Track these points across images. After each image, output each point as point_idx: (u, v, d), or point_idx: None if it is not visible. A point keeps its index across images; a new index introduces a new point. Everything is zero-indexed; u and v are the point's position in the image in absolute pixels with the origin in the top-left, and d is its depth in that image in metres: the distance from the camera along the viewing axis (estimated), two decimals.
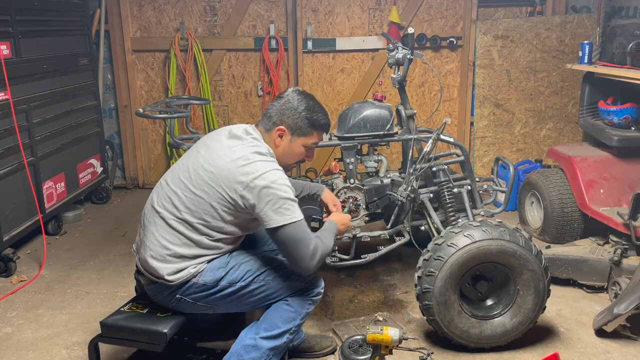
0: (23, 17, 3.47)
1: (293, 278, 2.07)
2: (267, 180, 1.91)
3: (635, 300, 2.46)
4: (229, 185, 1.93)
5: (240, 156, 1.95)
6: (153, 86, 4.88)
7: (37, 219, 3.60)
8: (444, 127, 2.76)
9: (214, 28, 4.75)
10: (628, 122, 3.46)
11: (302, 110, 2.05)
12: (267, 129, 2.08)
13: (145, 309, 2.14)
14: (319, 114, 2.08)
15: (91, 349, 2.12)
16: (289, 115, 2.04)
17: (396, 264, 3.42)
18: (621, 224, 3.11)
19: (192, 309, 2.08)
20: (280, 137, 2.06)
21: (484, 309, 2.49)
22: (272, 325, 2.03)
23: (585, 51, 3.69)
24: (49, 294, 3.13)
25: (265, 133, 2.08)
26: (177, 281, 2.00)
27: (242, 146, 1.99)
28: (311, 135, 2.10)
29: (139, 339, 2.05)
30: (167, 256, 1.99)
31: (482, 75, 4.63)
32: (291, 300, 2.05)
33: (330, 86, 4.84)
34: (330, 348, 2.49)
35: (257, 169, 1.92)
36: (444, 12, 4.71)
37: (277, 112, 2.06)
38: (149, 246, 2.02)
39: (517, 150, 4.78)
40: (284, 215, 1.90)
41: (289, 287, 2.06)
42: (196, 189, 1.97)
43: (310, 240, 1.94)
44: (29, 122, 3.51)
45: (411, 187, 2.73)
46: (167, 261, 1.99)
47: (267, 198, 1.90)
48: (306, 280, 2.07)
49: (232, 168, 1.93)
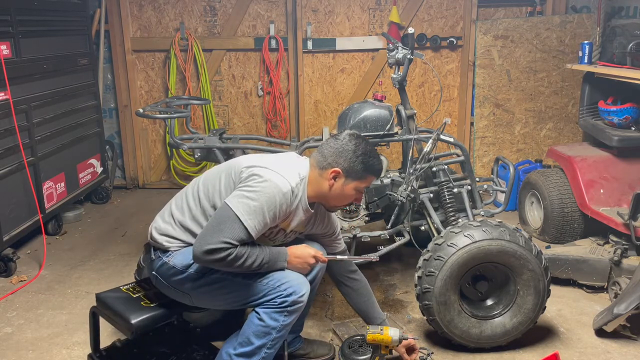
0: (23, 17, 3.47)
1: (264, 280, 1.95)
2: (269, 176, 1.91)
3: (635, 300, 2.46)
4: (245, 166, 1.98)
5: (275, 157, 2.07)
6: (153, 86, 4.88)
7: (37, 219, 3.60)
8: (444, 127, 2.76)
9: (214, 28, 4.75)
10: (628, 122, 3.46)
11: (359, 154, 2.01)
12: (321, 167, 2.02)
13: (138, 293, 2.17)
14: (374, 160, 2.05)
15: (90, 316, 2.18)
16: (345, 158, 2.00)
17: (396, 264, 3.42)
18: (621, 224, 3.11)
19: (169, 292, 2.06)
20: (334, 178, 2.02)
21: (484, 309, 2.49)
22: (245, 341, 1.95)
23: (585, 51, 3.69)
24: (49, 294, 3.13)
25: (317, 170, 2.03)
26: (156, 242, 2.04)
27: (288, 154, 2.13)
28: (365, 179, 2.05)
29: (115, 320, 2.09)
30: (168, 218, 2.06)
31: (482, 75, 4.63)
32: (262, 312, 1.93)
33: (330, 86, 4.84)
34: (327, 356, 2.44)
35: (279, 166, 1.96)
36: (444, 12, 4.71)
37: (333, 154, 2.01)
38: (164, 210, 2.11)
39: (517, 150, 4.78)
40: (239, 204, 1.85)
41: (259, 290, 1.95)
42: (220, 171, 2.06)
43: (226, 239, 1.81)
44: (29, 122, 3.51)
45: (411, 187, 2.73)
46: (166, 222, 2.06)
47: (249, 183, 1.89)
48: (280, 285, 1.93)
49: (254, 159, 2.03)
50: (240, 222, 1.83)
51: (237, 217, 1.84)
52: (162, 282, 2.05)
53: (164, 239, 2.04)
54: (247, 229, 1.84)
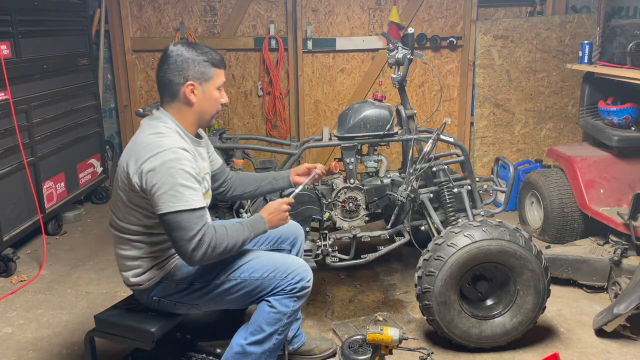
0: (23, 17, 3.47)
1: (271, 273, 1.99)
2: (156, 162, 1.79)
3: (635, 300, 2.46)
4: (124, 171, 1.87)
5: (136, 141, 1.89)
6: (153, 86, 4.87)
7: (37, 218, 3.60)
8: (444, 127, 2.76)
9: (214, 28, 4.75)
10: (628, 122, 3.46)
11: (196, 55, 1.92)
12: (171, 96, 1.93)
13: (141, 305, 2.13)
14: (211, 52, 1.96)
15: (87, 342, 2.13)
16: (187, 68, 1.90)
17: (396, 264, 3.42)
18: (621, 224, 3.11)
19: (175, 309, 2.06)
20: (192, 92, 1.93)
21: (484, 309, 2.49)
22: (257, 329, 1.97)
23: (585, 51, 3.70)
24: (49, 294, 3.13)
25: (171, 103, 1.95)
26: (145, 283, 1.99)
27: (140, 132, 1.93)
28: (217, 75, 1.96)
29: (129, 335, 2.05)
30: (124, 262, 2.01)
31: (482, 75, 4.63)
32: (273, 300, 1.97)
33: (330, 86, 4.84)
34: (330, 351, 2.48)
35: (148, 151, 1.82)
36: (444, 12, 4.71)
37: (174, 72, 1.90)
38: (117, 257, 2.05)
39: (517, 150, 4.78)
40: (167, 203, 1.78)
41: (268, 284, 1.98)
42: (116, 188, 1.97)
43: (194, 230, 1.79)
44: (29, 122, 3.51)
45: (411, 187, 2.73)
46: (126, 268, 2.01)
47: (154, 182, 1.79)
48: (287, 275, 1.98)
49: (127, 155, 1.89)
50: (183, 212, 1.78)
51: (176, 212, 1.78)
52: (167, 302, 2.03)
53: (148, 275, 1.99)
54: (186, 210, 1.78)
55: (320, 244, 2.80)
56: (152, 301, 2.04)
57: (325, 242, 2.81)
